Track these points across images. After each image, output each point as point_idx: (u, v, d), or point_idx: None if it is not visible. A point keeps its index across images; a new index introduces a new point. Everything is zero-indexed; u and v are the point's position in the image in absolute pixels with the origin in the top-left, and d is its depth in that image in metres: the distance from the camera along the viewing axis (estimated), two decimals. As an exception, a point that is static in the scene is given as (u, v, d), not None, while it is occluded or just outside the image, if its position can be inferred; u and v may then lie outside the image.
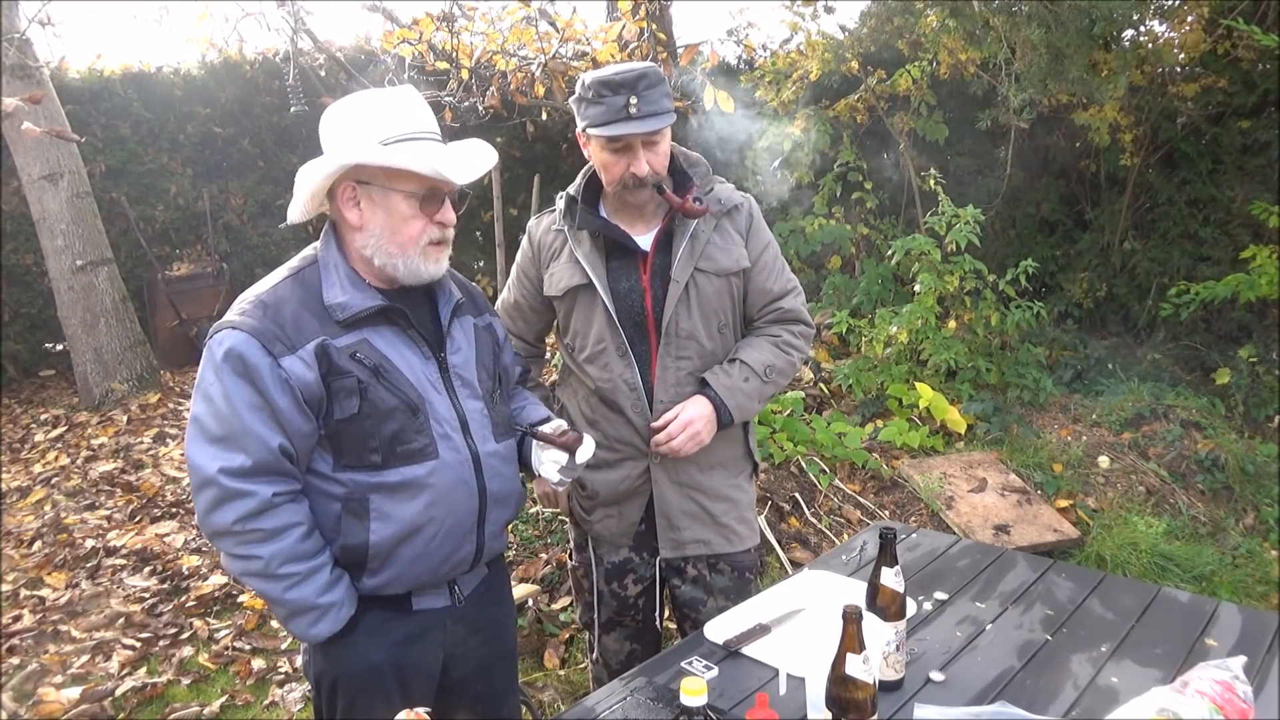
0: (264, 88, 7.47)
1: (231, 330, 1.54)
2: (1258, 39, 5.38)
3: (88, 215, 6.02)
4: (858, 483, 4.40)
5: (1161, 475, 4.62)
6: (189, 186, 7.26)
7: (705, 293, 2.06)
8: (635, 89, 1.90)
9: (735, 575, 2.19)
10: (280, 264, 1.69)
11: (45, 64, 6.07)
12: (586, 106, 1.98)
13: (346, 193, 1.61)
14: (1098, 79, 5.82)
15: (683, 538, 2.13)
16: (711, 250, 2.06)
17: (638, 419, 2.07)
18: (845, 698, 1.34)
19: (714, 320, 2.08)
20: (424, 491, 1.61)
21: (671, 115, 1.96)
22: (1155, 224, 7.11)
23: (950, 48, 6.35)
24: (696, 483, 2.11)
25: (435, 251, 1.64)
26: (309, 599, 1.56)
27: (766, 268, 2.13)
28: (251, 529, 1.52)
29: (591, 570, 2.24)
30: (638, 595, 2.24)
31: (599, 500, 2.16)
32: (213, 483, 1.51)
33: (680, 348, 2.06)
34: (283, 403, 1.53)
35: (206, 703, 3.05)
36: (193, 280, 7.13)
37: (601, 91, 1.93)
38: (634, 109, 1.91)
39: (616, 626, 2.28)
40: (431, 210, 1.61)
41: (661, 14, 5.06)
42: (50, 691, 3.06)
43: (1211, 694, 1.41)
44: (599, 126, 1.95)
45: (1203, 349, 6.34)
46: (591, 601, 2.26)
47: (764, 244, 2.14)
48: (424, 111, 1.65)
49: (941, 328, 5.32)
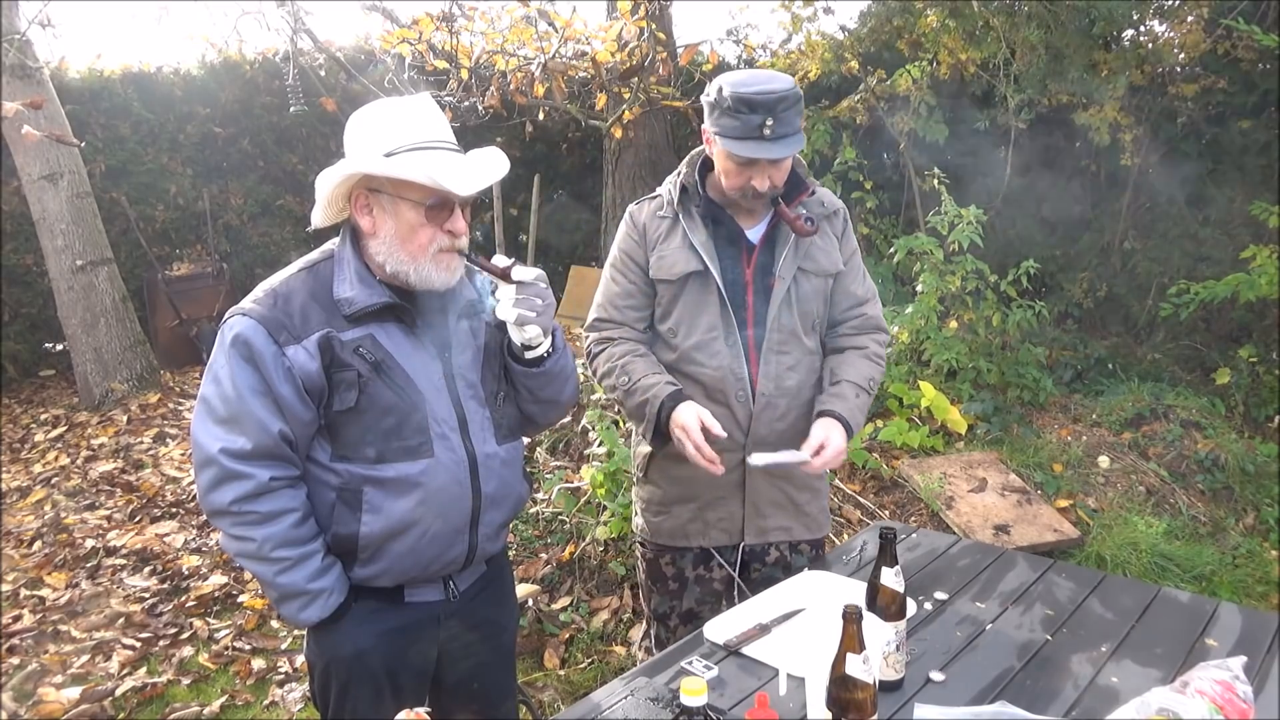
0: (264, 88, 7.46)
1: (242, 316, 1.59)
2: (1258, 39, 5.38)
3: (88, 215, 6.02)
4: (858, 483, 4.40)
5: (1161, 475, 4.62)
6: (189, 186, 7.26)
7: (804, 291, 2.12)
8: (774, 111, 1.90)
9: (813, 554, 2.26)
10: (280, 264, 1.71)
11: (45, 64, 6.07)
12: (720, 115, 1.97)
13: (360, 200, 1.64)
14: (1098, 79, 5.83)
15: (768, 525, 2.18)
16: (814, 251, 2.12)
17: (740, 409, 2.10)
18: (845, 698, 1.34)
19: (809, 318, 2.15)
20: (416, 489, 1.62)
21: (802, 136, 1.98)
22: (1155, 224, 7.11)
23: (950, 48, 6.36)
24: (786, 473, 2.14)
25: (446, 259, 1.64)
26: (299, 584, 1.60)
27: (854, 272, 2.22)
28: (247, 510, 1.56)
29: (677, 557, 2.24)
30: (721, 581, 2.25)
31: (698, 498, 2.17)
32: (214, 462, 1.56)
33: (782, 342, 2.11)
34: (284, 390, 1.56)
35: (206, 703, 3.05)
36: (193, 280, 7.13)
37: (739, 108, 1.92)
38: (769, 131, 1.91)
39: (695, 617, 2.26)
40: (440, 219, 1.61)
41: (661, 14, 5.06)
42: (50, 691, 3.06)
43: (1211, 694, 1.41)
44: (730, 140, 1.95)
45: (1203, 349, 6.34)
46: (676, 589, 2.26)
47: (853, 249, 2.22)
48: (436, 120, 1.65)
49: (943, 327, 5.32)
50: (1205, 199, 6.86)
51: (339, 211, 1.70)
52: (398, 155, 1.58)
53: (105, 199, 6.65)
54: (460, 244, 1.64)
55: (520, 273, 1.65)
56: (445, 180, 1.54)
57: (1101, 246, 7.26)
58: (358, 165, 1.59)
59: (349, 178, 1.61)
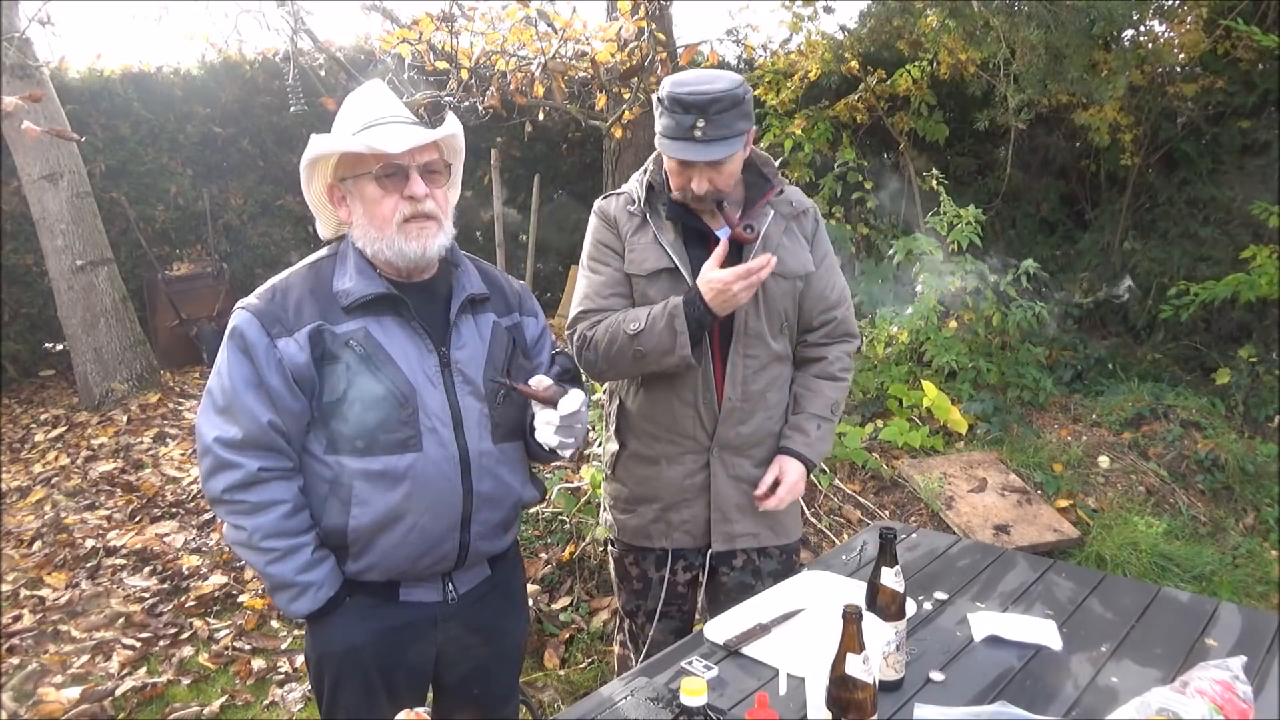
0: (264, 88, 7.47)
1: (242, 310, 1.64)
2: (1258, 39, 5.38)
3: (88, 215, 6.02)
4: (858, 483, 4.40)
5: (1161, 475, 4.62)
6: (189, 186, 7.26)
7: (772, 294, 2.08)
8: (706, 113, 1.86)
9: (783, 559, 2.23)
10: (280, 264, 1.73)
11: (45, 64, 6.07)
12: (661, 113, 1.95)
13: (335, 194, 1.70)
14: (1097, 79, 5.83)
15: (735, 530, 2.15)
16: (781, 253, 2.07)
17: (706, 412, 2.09)
18: (845, 698, 1.34)
19: (777, 320, 2.11)
20: (403, 482, 1.63)
21: (741, 139, 1.92)
22: (1155, 224, 7.12)
23: (950, 48, 6.36)
24: (752, 477, 2.13)
25: (414, 228, 1.63)
26: (287, 575, 1.62)
27: (826, 275, 2.17)
28: (239, 500, 1.60)
29: (640, 558, 2.23)
30: (686, 584, 2.24)
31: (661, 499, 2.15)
32: (209, 450, 1.61)
33: (749, 345, 2.08)
34: (274, 381, 1.60)
35: (206, 703, 3.05)
36: (193, 280, 7.13)
37: (673, 107, 1.89)
38: (699, 133, 1.87)
39: (663, 617, 2.26)
40: (396, 186, 1.63)
41: (661, 14, 5.06)
42: (50, 691, 3.06)
43: (1211, 694, 1.41)
44: (664, 140, 1.94)
45: (1203, 349, 6.35)
46: (640, 589, 2.25)
47: (825, 251, 2.18)
48: (383, 98, 1.69)
49: (943, 327, 5.32)
50: (1205, 199, 6.86)
51: (333, 215, 1.74)
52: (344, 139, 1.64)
53: (105, 199, 6.65)
54: (423, 208, 1.64)
55: (567, 404, 1.69)
56: (377, 143, 1.58)
57: (1101, 246, 7.27)
58: (306, 156, 1.64)
59: (312, 171, 1.67)
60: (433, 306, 1.71)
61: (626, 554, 2.25)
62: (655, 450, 2.12)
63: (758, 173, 2.11)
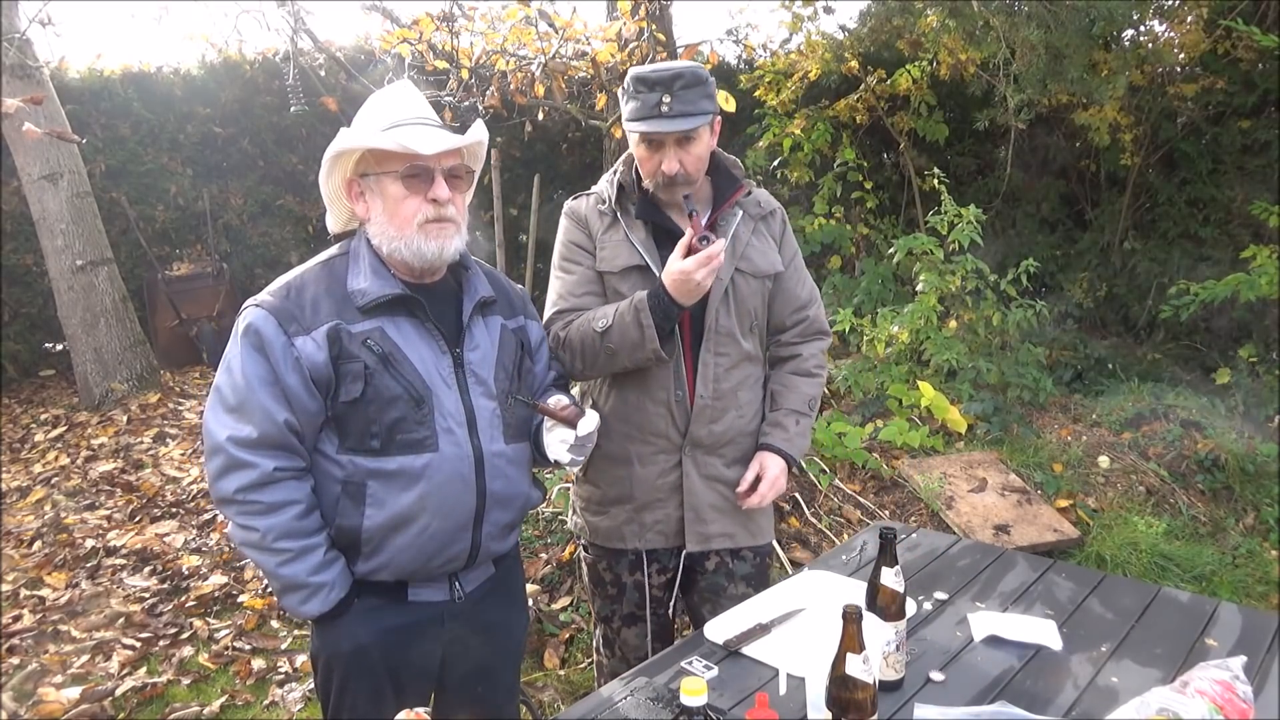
0: (264, 88, 7.46)
1: (255, 308, 1.62)
2: (1258, 39, 5.38)
3: (88, 215, 6.02)
4: (858, 483, 4.40)
5: (1161, 475, 4.62)
6: (189, 186, 7.26)
7: (742, 293, 2.10)
8: (670, 88, 1.92)
9: (756, 561, 2.23)
10: (280, 263, 1.73)
11: (45, 64, 6.07)
12: (626, 100, 2.00)
13: (354, 189, 1.70)
14: (1097, 79, 5.83)
15: (709, 531, 2.15)
16: (750, 252, 2.10)
17: (678, 410, 2.09)
18: (845, 698, 1.34)
19: (747, 320, 2.13)
20: (418, 482, 1.63)
21: (707, 116, 1.97)
22: (1155, 224, 7.13)
23: (950, 48, 6.36)
24: (724, 477, 2.13)
25: (434, 230, 1.65)
26: (300, 577, 1.60)
27: (795, 275, 2.20)
28: (252, 500, 1.58)
29: (614, 562, 2.23)
30: (660, 587, 2.23)
31: (633, 499, 2.15)
32: (221, 450, 1.58)
33: (720, 344, 2.09)
34: (291, 380, 1.58)
35: (206, 703, 3.05)
36: (193, 280, 7.13)
37: (638, 87, 1.95)
38: (666, 107, 1.92)
39: (638, 620, 2.26)
40: (421, 188, 1.63)
41: (661, 14, 5.06)
42: (50, 691, 3.06)
43: (1211, 694, 1.41)
44: (632, 121, 1.98)
45: (1203, 349, 6.35)
46: (614, 594, 2.24)
47: (794, 252, 2.22)
48: (413, 99, 1.70)
49: (943, 327, 5.33)
50: (1205, 199, 6.86)
51: (346, 210, 1.74)
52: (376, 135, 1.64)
53: (105, 199, 6.65)
54: (446, 212, 1.65)
55: (585, 425, 1.73)
56: (410, 142, 1.59)
57: (1101, 246, 7.27)
58: (333, 148, 1.64)
59: (334, 164, 1.67)
60: (444, 308, 1.71)
61: (600, 559, 2.25)
62: (628, 450, 2.12)
63: (726, 173, 2.13)
